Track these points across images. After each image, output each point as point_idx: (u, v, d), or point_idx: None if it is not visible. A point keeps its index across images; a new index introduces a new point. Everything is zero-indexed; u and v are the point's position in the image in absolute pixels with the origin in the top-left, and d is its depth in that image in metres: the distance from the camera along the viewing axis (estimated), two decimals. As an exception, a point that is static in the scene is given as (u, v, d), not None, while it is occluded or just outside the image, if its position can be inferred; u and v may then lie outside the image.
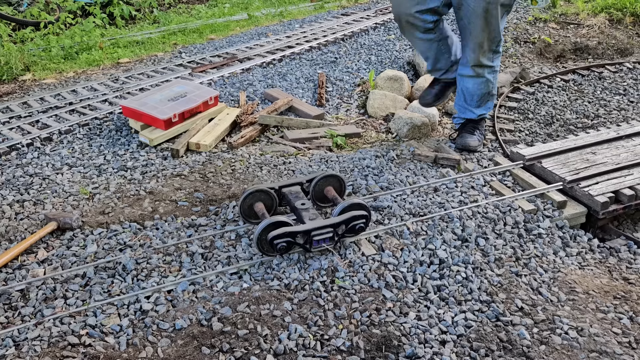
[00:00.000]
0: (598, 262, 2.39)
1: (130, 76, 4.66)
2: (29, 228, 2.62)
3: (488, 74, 3.11)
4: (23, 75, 4.87)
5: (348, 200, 2.35)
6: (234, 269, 2.25)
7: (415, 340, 1.90)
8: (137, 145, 3.42)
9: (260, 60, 4.90)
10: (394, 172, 3.02)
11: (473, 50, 2.99)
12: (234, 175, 3.04)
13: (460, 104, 3.31)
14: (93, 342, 1.91)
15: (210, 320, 1.98)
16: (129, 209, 2.75)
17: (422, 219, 2.52)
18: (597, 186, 2.69)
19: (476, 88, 3.15)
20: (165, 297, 2.12)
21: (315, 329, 1.94)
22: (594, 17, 5.98)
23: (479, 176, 2.89)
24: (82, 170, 3.17)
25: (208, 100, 3.70)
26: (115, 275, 2.26)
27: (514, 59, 5.07)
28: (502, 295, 2.12)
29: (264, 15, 6.85)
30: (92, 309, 2.07)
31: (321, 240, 2.25)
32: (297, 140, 3.47)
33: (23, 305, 2.11)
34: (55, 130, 3.61)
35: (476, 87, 3.15)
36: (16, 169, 3.19)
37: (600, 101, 4.20)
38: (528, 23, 5.97)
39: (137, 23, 6.71)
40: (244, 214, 2.49)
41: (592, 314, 2.05)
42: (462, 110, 3.33)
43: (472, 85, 3.15)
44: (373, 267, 2.23)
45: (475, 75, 3.10)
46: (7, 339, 1.92)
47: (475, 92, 3.17)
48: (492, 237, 2.44)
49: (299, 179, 2.60)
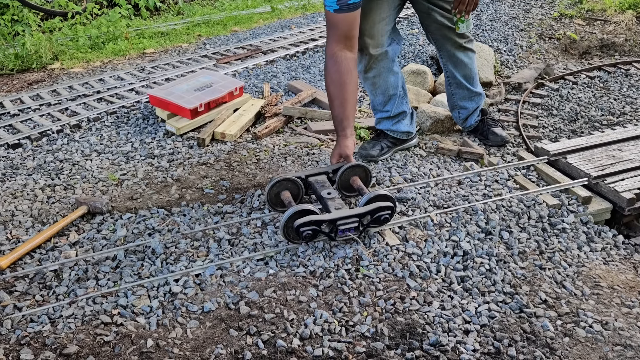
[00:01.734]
0: (623, 258, 2.39)
1: (156, 66, 4.73)
2: (60, 211, 2.69)
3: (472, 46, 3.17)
4: (52, 64, 4.97)
5: (374, 191, 2.36)
6: (260, 255, 2.29)
7: (439, 328, 1.92)
8: (164, 134, 3.48)
9: (283, 53, 4.93)
10: (417, 165, 3.04)
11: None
12: (258, 165, 3.08)
13: (466, 94, 3.26)
14: (124, 321, 1.97)
15: (238, 304, 2.02)
16: (157, 195, 2.81)
17: (445, 211, 2.54)
18: (623, 182, 2.68)
19: (472, 60, 3.19)
20: (193, 281, 2.17)
21: (340, 315, 1.98)
22: (622, 13, 5.90)
23: (503, 170, 2.90)
24: (110, 157, 3.24)
25: (233, 91, 3.74)
26: (144, 259, 2.32)
27: (539, 55, 5.04)
28: (525, 287, 2.13)
29: (287, 8, 6.88)
30: (123, 290, 2.13)
31: (346, 229, 2.28)
32: (321, 131, 3.50)
33: (57, 285, 2.18)
34: (84, 117, 3.69)
35: (472, 59, 3.18)
36: (47, 154, 3.27)
37: (626, 98, 4.16)
38: (553, 19, 5.91)
39: (161, 14, 6.79)
40: (271, 201, 2.52)
41: (616, 309, 2.05)
42: (469, 101, 3.29)
43: (470, 59, 3.16)
44: (397, 256, 2.26)
45: (469, 50, 3.15)
46: (43, 316, 1.99)
47: (475, 67, 3.22)
48: (515, 231, 2.45)
49: (325, 168, 2.63)
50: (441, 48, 3.13)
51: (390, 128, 3.15)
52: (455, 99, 3.32)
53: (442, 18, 2.93)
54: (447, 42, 3.06)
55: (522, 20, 5.87)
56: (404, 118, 3.14)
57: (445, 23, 2.95)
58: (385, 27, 2.88)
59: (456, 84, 3.25)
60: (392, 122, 3.14)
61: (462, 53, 3.12)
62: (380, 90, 3.06)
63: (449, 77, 3.26)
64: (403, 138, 3.17)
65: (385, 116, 3.14)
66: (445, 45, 3.09)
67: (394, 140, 3.16)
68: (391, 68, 3.01)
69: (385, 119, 3.15)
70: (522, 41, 5.29)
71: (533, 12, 6.18)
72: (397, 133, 3.14)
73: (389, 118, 3.13)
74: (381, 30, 2.87)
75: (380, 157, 3.11)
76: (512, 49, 5.10)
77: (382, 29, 2.87)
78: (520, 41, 5.28)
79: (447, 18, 2.94)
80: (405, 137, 3.17)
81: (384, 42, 2.91)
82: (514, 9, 6.30)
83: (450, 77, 3.25)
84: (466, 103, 3.31)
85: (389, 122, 3.14)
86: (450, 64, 3.18)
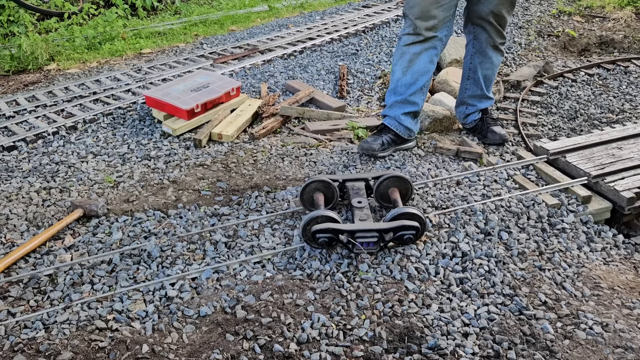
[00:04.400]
0: (623, 258, 2.37)
1: (153, 66, 4.71)
2: (55, 215, 2.67)
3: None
4: (48, 64, 4.94)
5: (403, 208, 2.27)
6: (257, 258, 2.27)
7: (437, 331, 1.90)
8: (160, 135, 3.46)
9: (281, 52, 4.90)
10: (415, 165, 3.02)
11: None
12: (256, 166, 3.06)
13: (479, 94, 3.29)
14: (120, 326, 1.95)
15: (234, 308, 2.00)
16: (153, 197, 2.79)
17: (444, 211, 2.52)
18: (623, 181, 2.66)
19: (498, 63, 3.22)
20: (189, 285, 2.15)
21: (337, 319, 1.96)
22: (620, 10, 5.87)
23: (502, 170, 2.87)
24: (106, 158, 3.21)
25: (230, 91, 3.72)
26: (140, 262, 2.30)
27: (537, 53, 5.01)
28: (525, 289, 2.11)
29: (285, 7, 6.85)
30: (119, 294, 2.11)
31: (364, 243, 2.21)
32: (319, 131, 3.48)
33: (52, 290, 2.16)
34: (80, 119, 3.66)
35: (497, 63, 3.21)
36: (42, 156, 3.25)
37: (625, 96, 4.13)
38: (552, 16, 5.89)
39: (158, 14, 6.76)
40: (305, 202, 2.50)
41: (617, 310, 2.03)
42: (478, 101, 3.32)
43: (497, 61, 3.19)
44: (395, 259, 2.23)
45: (500, 52, 3.19)
46: (37, 322, 1.97)
47: (496, 71, 3.26)
48: (515, 231, 2.43)
49: (365, 175, 2.57)
50: (477, 38, 3.15)
51: (397, 116, 3.10)
52: (466, 94, 3.32)
53: (491, 7, 2.95)
54: (485, 34, 3.09)
55: (521, 18, 5.84)
56: (413, 111, 3.11)
57: (490, 16, 2.98)
58: (442, 13, 2.86)
59: (474, 80, 3.26)
60: (403, 110, 3.09)
61: (493, 51, 3.16)
62: (413, 70, 3.01)
63: (469, 70, 3.26)
64: (404, 135, 3.14)
65: (401, 99, 3.07)
66: (482, 36, 3.11)
67: (395, 136, 3.14)
68: (432, 57, 3.00)
69: (399, 102, 3.09)
70: (521, 39, 5.26)
71: (532, 9, 6.16)
72: (400, 127, 3.11)
73: (403, 102, 3.07)
74: (439, 16, 2.85)
75: (381, 153, 3.09)
76: (511, 46, 5.07)
77: (439, 15, 2.85)
78: (519, 39, 5.26)
79: (495, 11, 2.97)
80: (407, 134, 3.14)
81: (437, 26, 2.89)
82: (512, 6, 6.26)
83: (471, 71, 3.25)
84: (475, 101, 3.32)
85: (400, 108, 3.09)
86: (478, 58, 3.20)
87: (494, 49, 3.15)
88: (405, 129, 3.12)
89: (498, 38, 3.11)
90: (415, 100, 3.07)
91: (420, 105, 3.12)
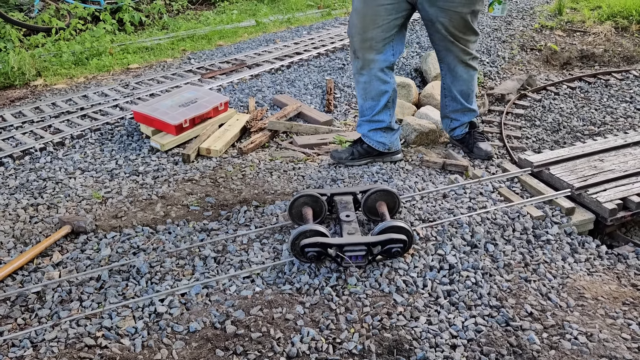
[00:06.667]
0: (606, 269, 2.41)
1: (140, 82, 4.72)
2: (43, 231, 2.66)
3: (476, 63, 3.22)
4: (35, 80, 4.93)
5: (390, 221, 2.30)
6: (246, 273, 2.28)
7: (426, 344, 1.92)
8: (149, 150, 3.46)
9: (268, 67, 4.94)
10: (402, 178, 3.05)
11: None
12: (244, 181, 3.07)
13: (459, 108, 3.31)
14: (109, 343, 1.94)
15: (224, 323, 2.01)
16: (142, 213, 2.79)
17: (431, 224, 2.55)
18: (605, 193, 2.71)
19: (472, 78, 3.23)
20: (179, 300, 2.15)
21: (327, 333, 1.97)
22: (600, 24, 6.01)
23: (488, 182, 2.92)
24: (94, 174, 3.21)
25: (218, 106, 3.74)
26: (129, 279, 2.30)
27: (521, 66, 5.11)
28: (511, 300, 2.14)
29: (272, 22, 6.91)
30: (108, 311, 2.10)
31: (353, 256, 2.24)
32: (306, 145, 3.51)
33: (39, 307, 2.15)
34: (67, 135, 3.66)
35: (470, 78, 3.22)
36: (30, 173, 3.24)
37: (606, 108, 4.22)
38: (534, 30, 6.00)
39: (146, 29, 6.78)
40: (293, 216, 2.52)
41: (601, 320, 2.07)
42: (461, 115, 3.34)
43: (470, 77, 3.20)
44: (384, 272, 2.26)
45: (471, 67, 3.20)
46: (25, 340, 1.96)
47: (474, 84, 3.26)
48: (501, 243, 2.46)
49: (352, 189, 2.60)
50: (443, 60, 3.17)
51: (366, 133, 3.18)
52: (447, 110, 3.37)
53: (445, 31, 2.97)
54: (450, 54, 3.09)
55: (504, 32, 5.95)
56: (381, 127, 3.15)
57: (448, 37, 2.99)
58: (382, 34, 2.90)
59: (451, 97, 3.29)
60: (370, 127, 3.16)
61: (463, 68, 3.15)
62: (370, 96, 3.09)
63: (444, 89, 3.30)
64: (378, 149, 3.19)
65: (367, 119, 3.16)
66: (448, 57, 3.12)
67: (369, 149, 3.19)
68: (383, 78, 3.03)
69: (366, 122, 3.18)
70: (505, 53, 5.36)
71: (514, 23, 6.28)
72: (372, 141, 3.17)
73: (369, 122, 3.16)
74: (376, 37, 2.90)
75: (349, 163, 3.17)
76: (495, 60, 5.16)
77: (377, 36, 2.90)
78: (502, 53, 5.35)
79: (450, 32, 2.97)
80: (382, 147, 3.19)
81: (377, 48, 2.94)
82: (495, 21, 6.39)
83: (446, 90, 3.29)
84: (458, 116, 3.35)
85: (367, 126, 3.17)
86: (449, 77, 3.22)
87: (464, 66, 3.14)
88: (378, 142, 3.18)
89: (464, 55, 3.09)
90: (380, 118, 3.14)
91: (387, 121, 3.16)
